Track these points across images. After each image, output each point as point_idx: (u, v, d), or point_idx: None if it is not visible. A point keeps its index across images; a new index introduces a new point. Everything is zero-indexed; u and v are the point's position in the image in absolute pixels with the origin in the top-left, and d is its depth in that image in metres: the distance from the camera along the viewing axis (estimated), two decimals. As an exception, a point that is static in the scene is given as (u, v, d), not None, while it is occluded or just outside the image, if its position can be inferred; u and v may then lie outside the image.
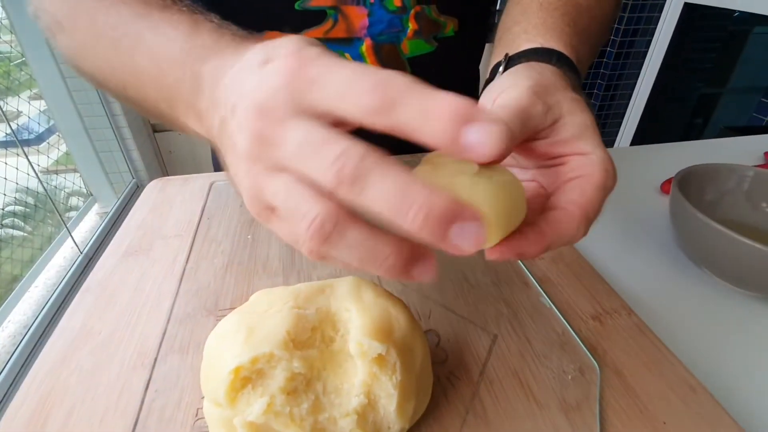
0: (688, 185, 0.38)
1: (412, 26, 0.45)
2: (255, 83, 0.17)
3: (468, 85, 0.55)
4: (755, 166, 0.53)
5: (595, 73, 2.02)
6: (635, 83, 1.99)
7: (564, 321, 0.30)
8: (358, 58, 0.45)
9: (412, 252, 0.16)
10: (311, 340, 0.22)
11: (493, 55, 0.33)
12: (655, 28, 1.86)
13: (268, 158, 0.17)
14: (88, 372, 0.27)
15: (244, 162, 0.17)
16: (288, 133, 0.16)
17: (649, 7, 1.83)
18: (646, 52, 1.91)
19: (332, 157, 0.14)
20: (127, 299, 0.32)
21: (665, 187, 0.49)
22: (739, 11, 1.61)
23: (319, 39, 0.36)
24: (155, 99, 0.25)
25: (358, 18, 0.44)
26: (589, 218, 0.21)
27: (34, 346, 1.09)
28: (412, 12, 0.44)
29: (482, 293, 0.32)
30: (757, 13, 1.50)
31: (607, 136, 2.17)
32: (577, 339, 0.28)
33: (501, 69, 0.28)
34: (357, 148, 0.14)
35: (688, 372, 0.27)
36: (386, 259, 0.15)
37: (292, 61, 0.17)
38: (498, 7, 0.52)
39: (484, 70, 0.37)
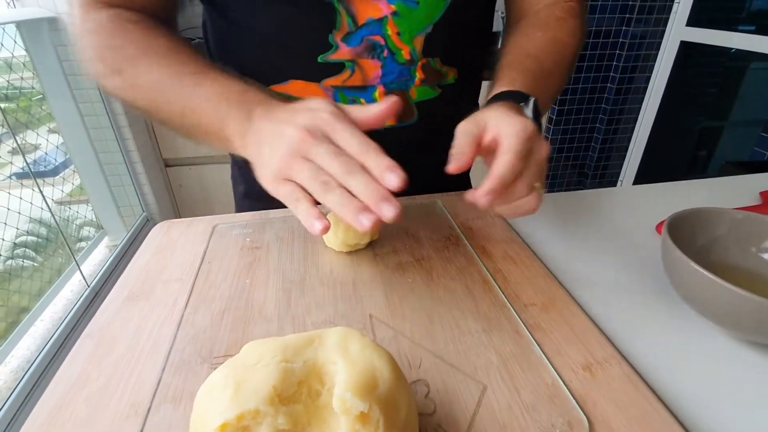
0: (679, 229, 0.39)
1: (419, 76, 0.52)
2: (306, 118, 0.33)
3: (464, 115, 0.61)
4: (751, 206, 0.54)
5: (597, 108, 2.06)
6: (636, 118, 2.02)
7: (554, 371, 0.30)
8: (372, 101, 0.52)
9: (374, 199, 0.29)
10: (297, 394, 0.22)
11: (499, 79, 0.46)
12: (654, 65, 1.91)
13: (303, 151, 0.32)
14: (82, 420, 0.27)
15: (281, 153, 0.32)
16: (321, 144, 0.31)
17: (646, 45, 1.88)
18: (646, 87, 1.95)
19: (346, 160, 0.31)
20: (126, 345, 0.33)
21: (660, 228, 0.50)
22: (735, 48, 1.65)
23: (337, 86, 0.51)
24: (207, 123, 0.39)
25: (373, 69, 0.50)
26: (511, 154, 0.34)
27: (35, 383, 1.09)
28: (419, 64, 0.51)
29: (473, 341, 0.33)
30: (752, 51, 1.54)
31: (612, 169, 2.19)
32: (567, 391, 0.28)
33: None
34: (356, 162, 0.31)
35: (680, 426, 0.26)
36: (353, 202, 0.29)
37: (330, 116, 0.33)
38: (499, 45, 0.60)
39: (483, 101, 0.48)
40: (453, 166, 0.35)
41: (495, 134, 0.35)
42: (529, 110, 0.41)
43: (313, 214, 0.31)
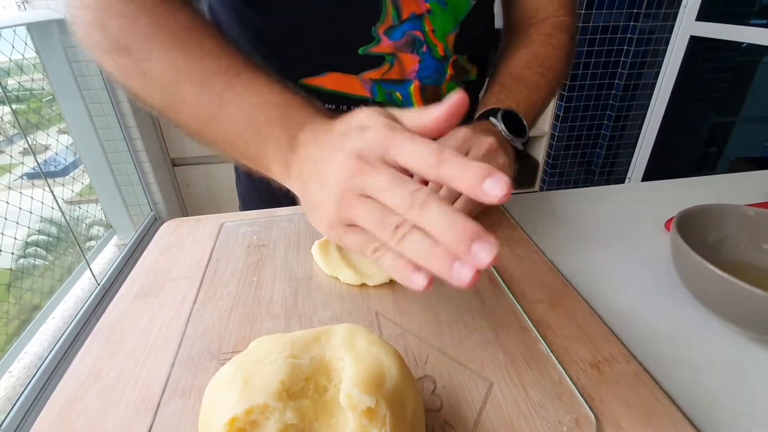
0: (689, 226, 0.38)
1: (449, 72, 0.54)
2: (356, 141, 0.26)
3: None
4: (762, 203, 0.53)
5: (605, 105, 2.04)
6: (645, 114, 1.99)
7: (561, 369, 0.30)
8: (407, 96, 0.53)
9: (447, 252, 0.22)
10: (305, 389, 0.22)
11: (480, 103, 0.51)
12: (663, 60, 1.88)
13: (358, 187, 0.25)
14: (93, 416, 0.28)
15: (335, 191, 0.26)
16: (379, 172, 0.24)
17: (655, 41, 1.85)
18: (655, 83, 1.93)
19: (411, 190, 0.23)
20: (135, 342, 0.33)
21: (669, 225, 0.49)
22: (747, 43, 1.62)
23: (375, 80, 0.51)
24: (239, 143, 0.33)
25: (411, 63, 0.51)
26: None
27: (48, 379, 1.11)
28: (451, 60, 0.53)
29: (480, 338, 0.33)
30: (764, 45, 1.51)
31: (620, 166, 2.17)
32: (575, 388, 0.28)
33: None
34: (425, 189, 0.23)
35: (689, 423, 0.26)
36: (437, 251, 0.22)
37: (383, 131, 0.25)
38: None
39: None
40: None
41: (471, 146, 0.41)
42: (497, 120, 0.45)
43: (406, 267, 0.24)
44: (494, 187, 0.21)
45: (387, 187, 0.24)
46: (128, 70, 0.34)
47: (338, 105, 0.53)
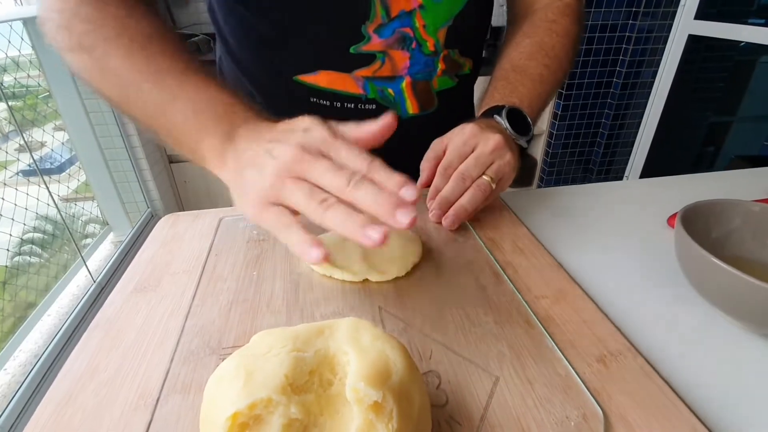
0: (693, 221, 0.38)
1: (441, 66, 0.54)
2: (300, 137, 0.30)
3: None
4: (763, 199, 0.53)
5: (603, 103, 2.04)
6: (643, 113, 2.00)
7: (568, 364, 0.29)
8: (399, 92, 0.54)
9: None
10: (309, 384, 0.22)
11: (484, 98, 0.51)
12: (661, 59, 1.89)
13: (296, 171, 0.29)
14: (90, 412, 0.27)
15: (271, 172, 0.29)
16: (320, 160, 0.29)
17: (653, 39, 1.86)
18: (653, 82, 1.93)
19: (347, 174, 0.28)
20: (134, 337, 0.33)
21: (672, 221, 0.49)
22: (745, 42, 1.63)
23: (368, 77, 0.52)
24: (181, 132, 0.36)
25: (402, 60, 0.52)
26: (444, 163, 0.44)
27: (44, 376, 1.10)
28: (442, 55, 0.53)
29: (484, 332, 0.32)
30: (763, 44, 1.51)
31: (618, 164, 2.17)
32: (581, 383, 0.28)
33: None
34: (358, 174, 0.28)
35: (697, 419, 0.26)
36: (354, 217, 0.26)
37: (326, 133, 0.30)
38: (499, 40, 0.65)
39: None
40: (418, 182, 0.44)
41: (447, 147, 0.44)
42: (502, 118, 0.46)
43: (307, 240, 0.27)
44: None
45: (325, 172, 0.28)
46: (88, 66, 0.38)
47: (332, 102, 0.53)
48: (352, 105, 0.53)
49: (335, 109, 0.53)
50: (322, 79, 0.51)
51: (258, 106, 0.36)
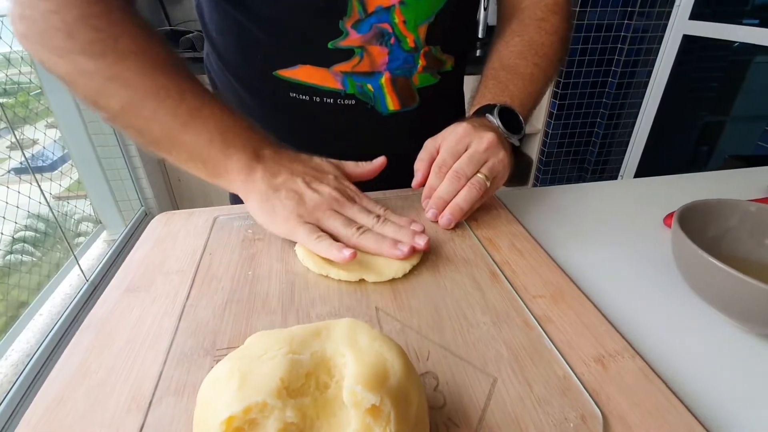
0: (690, 221, 0.38)
1: (421, 63, 0.53)
2: (332, 182, 0.42)
3: (459, 103, 0.68)
4: (759, 198, 0.53)
5: (598, 103, 2.05)
6: (638, 113, 2.00)
7: (566, 364, 0.29)
8: (378, 88, 0.53)
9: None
10: (305, 387, 0.21)
11: (476, 97, 0.52)
12: (656, 59, 1.89)
13: (333, 207, 0.40)
14: (82, 414, 0.27)
15: (313, 203, 0.40)
16: (353, 206, 0.41)
17: (648, 39, 1.86)
18: (648, 82, 1.94)
19: (374, 216, 0.41)
20: (126, 338, 0.32)
21: (668, 221, 0.49)
22: (739, 42, 1.64)
23: (346, 72, 0.52)
24: (201, 151, 0.40)
25: (380, 56, 0.51)
26: (439, 163, 0.45)
27: (36, 375, 1.08)
28: (422, 51, 0.53)
29: (482, 333, 0.32)
30: (757, 44, 1.52)
31: (612, 164, 2.18)
32: (580, 384, 0.28)
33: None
34: (383, 217, 0.41)
35: (695, 420, 0.26)
36: (386, 240, 0.38)
37: (349, 184, 0.44)
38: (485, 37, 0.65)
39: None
40: (413, 182, 0.47)
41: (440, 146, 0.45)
42: (494, 116, 0.46)
43: (336, 245, 0.36)
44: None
45: (358, 213, 0.40)
46: (89, 70, 0.37)
47: (311, 96, 0.53)
48: (331, 100, 0.53)
49: (314, 103, 0.53)
50: (301, 73, 0.51)
51: (269, 134, 0.44)
